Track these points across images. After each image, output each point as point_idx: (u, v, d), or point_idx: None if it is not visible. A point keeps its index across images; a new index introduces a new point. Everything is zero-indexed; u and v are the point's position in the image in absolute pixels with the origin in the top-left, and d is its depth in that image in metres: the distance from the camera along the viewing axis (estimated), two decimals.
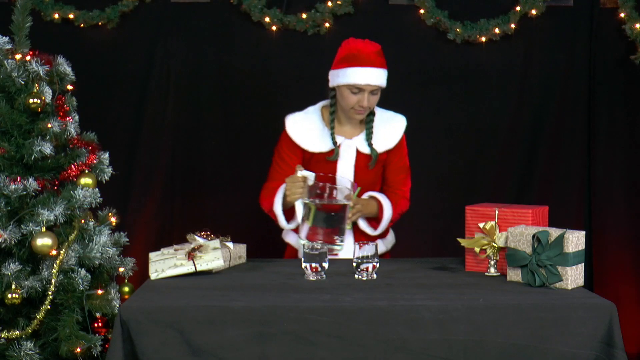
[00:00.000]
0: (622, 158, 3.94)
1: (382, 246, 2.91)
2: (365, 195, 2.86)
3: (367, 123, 2.86)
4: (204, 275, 2.32)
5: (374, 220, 2.85)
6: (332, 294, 2.08)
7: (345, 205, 2.59)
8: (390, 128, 2.89)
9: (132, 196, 3.91)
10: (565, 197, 3.94)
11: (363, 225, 2.83)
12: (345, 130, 2.88)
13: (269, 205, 2.82)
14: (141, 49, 3.93)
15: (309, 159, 2.85)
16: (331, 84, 2.82)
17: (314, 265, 2.27)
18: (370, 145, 2.84)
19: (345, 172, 2.83)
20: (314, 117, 2.89)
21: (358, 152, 2.86)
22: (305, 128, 2.86)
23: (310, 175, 2.61)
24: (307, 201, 2.59)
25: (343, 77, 2.75)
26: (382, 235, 2.93)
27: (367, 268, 2.29)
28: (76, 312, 2.37)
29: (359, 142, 2.86)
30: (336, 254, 2.61)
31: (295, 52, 3.93)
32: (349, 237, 2.79)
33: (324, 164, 2.83)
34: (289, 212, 2.78)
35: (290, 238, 2.94)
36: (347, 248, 2.69)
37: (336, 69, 2.79)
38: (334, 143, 2.82)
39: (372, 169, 2.85)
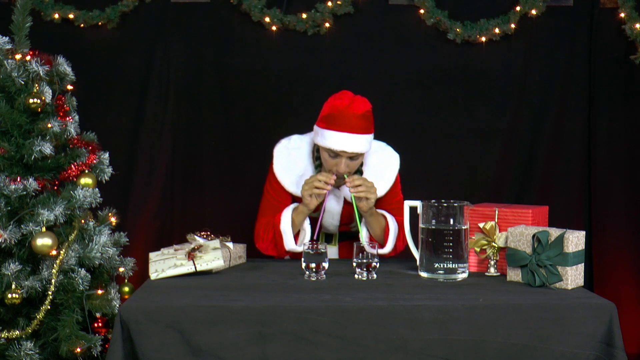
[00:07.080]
0: (622, 158, 3.94)
1: None
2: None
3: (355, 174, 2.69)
4: (204, 275, 2.32)
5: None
6: (332, 294, 2.08)
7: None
8: (381, 172, 2.73)
9: (132, 196, 3.91)
10: (565, 197, 3.94)
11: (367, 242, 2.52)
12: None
13: (270, 235, 2.67)
14: (141, 49, 3.93)
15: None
16: (314, 139, 2.67)
17: (314, 265, 2.27)
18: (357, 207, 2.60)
19: (331, 220, 2.77)
20: (301, 155, 2.75)
21: (345, 201, 2.75)
22: (291, 169, 2.73)
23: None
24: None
25: (321, 138, 2.59)
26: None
27: (367, 268, 2.29)
28: (76, 312, 2.37)
29: (347, 192, 2.69)
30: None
31: (295, 52, 3.93)
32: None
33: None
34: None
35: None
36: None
37: (318, 127, 2.63)
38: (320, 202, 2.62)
39: (354, 230, 2.72)
